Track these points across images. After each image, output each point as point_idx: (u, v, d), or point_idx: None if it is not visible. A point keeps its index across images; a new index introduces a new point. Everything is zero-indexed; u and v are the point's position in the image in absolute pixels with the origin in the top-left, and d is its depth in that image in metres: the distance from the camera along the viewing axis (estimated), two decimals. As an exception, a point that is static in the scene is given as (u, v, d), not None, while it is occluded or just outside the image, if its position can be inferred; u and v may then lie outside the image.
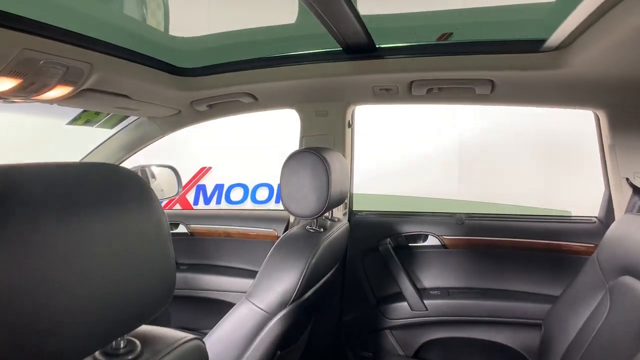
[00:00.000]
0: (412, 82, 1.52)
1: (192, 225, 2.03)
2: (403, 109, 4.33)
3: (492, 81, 1.46)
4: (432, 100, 1.65)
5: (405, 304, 1.78)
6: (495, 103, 1.61)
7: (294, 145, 1.77)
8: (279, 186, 1.27)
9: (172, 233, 2.06)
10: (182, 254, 2.07)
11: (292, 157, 1.24)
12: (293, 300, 1.13)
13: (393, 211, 1.93)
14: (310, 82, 1.59)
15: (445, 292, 1.80)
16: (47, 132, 3.92)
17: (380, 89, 1.59)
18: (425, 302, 1.76)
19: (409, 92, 1.58)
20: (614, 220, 1.63)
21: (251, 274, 1.91)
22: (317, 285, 1.29)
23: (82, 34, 1.11)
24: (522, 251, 1.76)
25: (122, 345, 0.55)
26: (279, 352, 1.21)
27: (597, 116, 1.61)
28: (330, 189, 1.21)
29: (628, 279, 1.20)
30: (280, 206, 1.30)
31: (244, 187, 4.71)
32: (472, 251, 1.80)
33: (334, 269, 1.46)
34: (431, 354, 1.81)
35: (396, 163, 4.39)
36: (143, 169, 2.19)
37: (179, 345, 0.61)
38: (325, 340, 1.84)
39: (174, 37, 1.47)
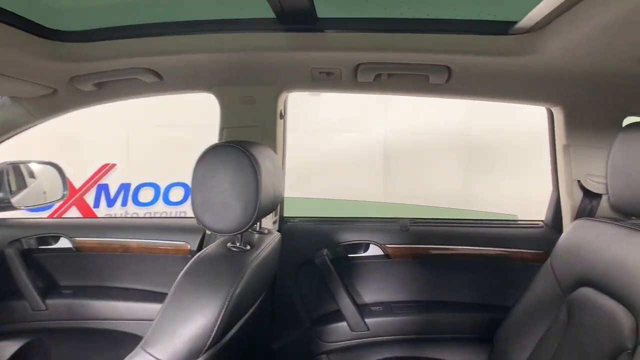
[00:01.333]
0: (358, 65, 1.27)
1: (78, 239, 1.60)
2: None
3: (448, 68, 1.27)
4: (380, 89, 1.41)
5: (344, 324, 1.55)
6: (449, 95, 1.42)
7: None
8: (191, 194, 0.95)
9: (52, 249, 1.62)
10: (66, 274, 1.63)
11: (209, 153, 0.93)
12: (210, 346, 0.84)
13: (331, 217, 1.68)
14: (233, 58, 1.27)
15: (389, 308, 1.60)
16: None
17: (321, 72, 1.32)
18: (367, 320, 1.55)
19: (354, 78, 1.33)
20: (561, 224, 1.54)
21: (157, 298, 1.55)
22: (243, 320, 1.00)
23: None
24: (469, 259, 1.62)
25: None
26: None
27: (551, 113, 1.50)
28: (260, 195, 0.92)
29: (588, 291, 1.09)
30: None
31: (155, 186, 4.20)
32: (418, 260, 1.62)
33: (263, 295, 1.17)
34: None
35: (318, 162, 4.22)
36: (16, 166, 1.71)
37: None
38: None
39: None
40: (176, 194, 4.18)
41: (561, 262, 1.25)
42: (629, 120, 1.34)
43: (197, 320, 0.83)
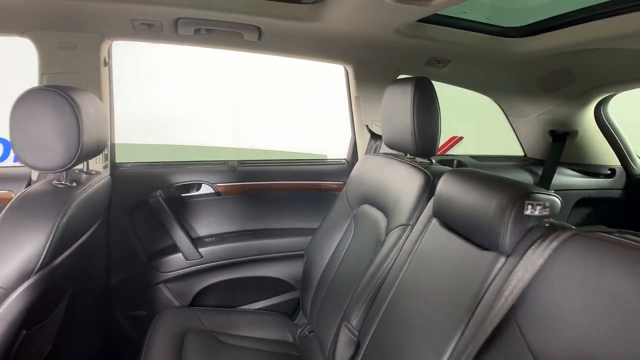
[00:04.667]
0: (178, 19, 1.40)
1: None
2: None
3: (259, 28, 1.48)
4: (201, 42, 1.56)
5: (179, 255, 1.74)
6: (263, 51, 1.65)
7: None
8: (10, 136, 0.99)
9: None
10: None
11: (26, 97, 0.99)
12: (40, 269, 0.94)
13: (163, 161, 1.81)
14: (50, 2, 1.27)
15: (220, 238, 1.82)
16: None
17: (142, 23, 1.41)
18: (200, 250, 1.75)
19: (175, 31, 1.46)
20: (357, 160, 1.94)
21: None
22: (74, 248, 1.11)
23: None
24: (288, 192, 1.92)
25: None
26: (24, 331, 1.01)
27: (347, 70, 1.85)
28: (82, 135, 1.02)
29: (366, 207, 1.46)
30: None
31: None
32: (245, 196, 1.87)
33: (93, 228, 1.28)
34: (208, 299, 1.84)
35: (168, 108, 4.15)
36: None
37: None
38: (90, 308, 1.64)
39: None
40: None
41: (351, 188, 1.61)
42: (401, 77, 1.74)
43: (25, 246, 0.92)
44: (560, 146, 2.05)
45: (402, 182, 1.31)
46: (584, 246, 0.69)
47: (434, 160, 1.42)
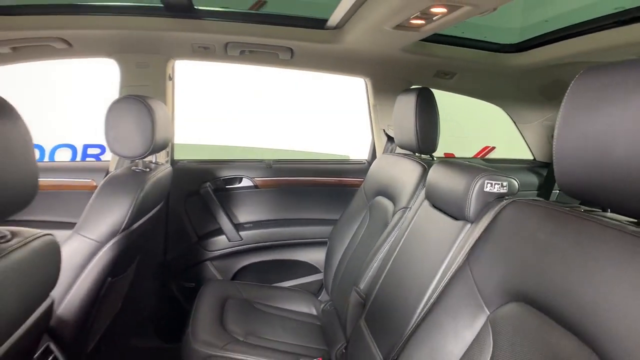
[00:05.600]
0: (227, 43, 1.76)
1: None
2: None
3: (291, 49, 1.81)
4: (245, 60, 1.91)
5: (223, 237, 2.06)
6: (295, 68, 1.98)
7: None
8: (105, 132, 1.32)
9: None
10: None
11: (116, 103, 1.34)
12: (124, 229, 1.26)
13: (212, 159, 2.16)
14: (130, 33, 1.66)
15: (258, 224, 2.14)
16: None
17: (199, 47, 1.78)
18: (241, 233, 2.07)
19: (225, 52, 1.81)
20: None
21: (65, 226, 1.89)
22: (145, 218, 1.44)
23: None
24: (315, 187, 2.22)
25: None
26: (109, 279, 1.33)
27: (366, 82, 2.15)
28: (155, 132, 1.34)
29: (380, 198, 1.72)
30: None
31: (38, 148, 4.16)
32: (279, 189, 2.18)
33: (158, 207, 1.62)
34: (246, 276, 2.16)
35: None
36: None
37: (38, 237, 0.79)
38: (150, 276, 1.99)
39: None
40: (62, 157, 4.19)
41: (368, 184, 1.88)
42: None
43: (115, 212, 1.25)
44: (564, 150, 2.24)
45: (406, 174, 1.58)
46: (517, 208, 0.95)
47: (435, 157, 1.68)
